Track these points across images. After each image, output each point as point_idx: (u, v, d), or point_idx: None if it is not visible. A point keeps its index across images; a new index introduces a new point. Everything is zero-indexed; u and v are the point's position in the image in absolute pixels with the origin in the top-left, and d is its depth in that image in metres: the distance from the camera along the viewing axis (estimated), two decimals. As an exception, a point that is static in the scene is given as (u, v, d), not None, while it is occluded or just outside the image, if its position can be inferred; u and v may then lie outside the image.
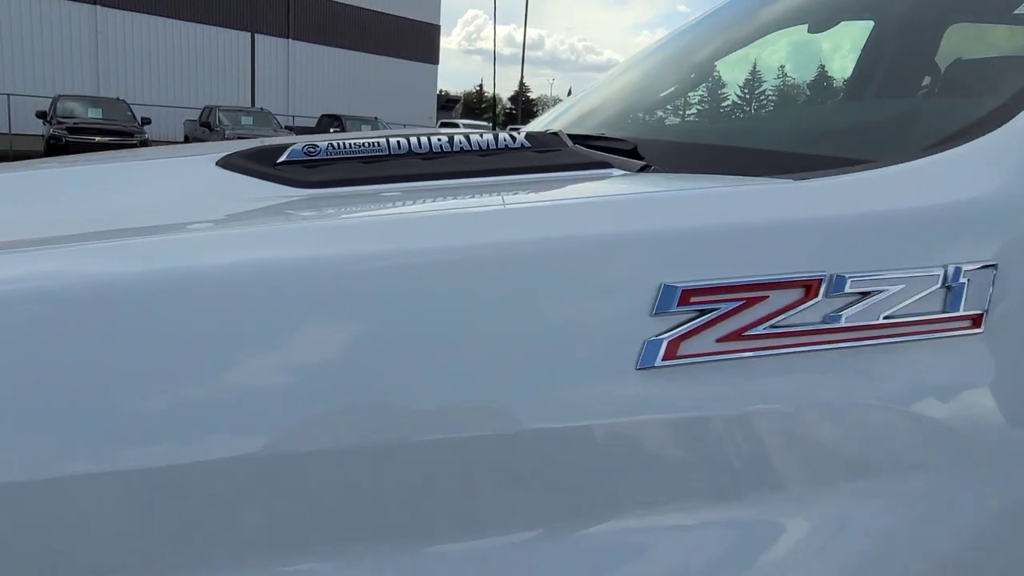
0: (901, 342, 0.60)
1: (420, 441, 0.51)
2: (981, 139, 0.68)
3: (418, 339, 0.52)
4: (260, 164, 0.81)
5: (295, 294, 0.50)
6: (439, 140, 0.87)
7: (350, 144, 0.85)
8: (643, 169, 0.91)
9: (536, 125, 1.53)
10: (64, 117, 14.74)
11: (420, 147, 0.86)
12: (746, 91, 1.30)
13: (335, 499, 0.50)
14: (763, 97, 1.30)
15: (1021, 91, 0.71)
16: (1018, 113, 0.69)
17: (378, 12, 30.25)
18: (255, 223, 0.65)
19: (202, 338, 0.48)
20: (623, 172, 0.85)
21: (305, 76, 28.50)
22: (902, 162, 0.67)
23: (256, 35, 22.84)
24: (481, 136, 0.89)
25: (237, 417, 0.48)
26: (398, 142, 0.86)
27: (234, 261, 0.52)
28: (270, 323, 0.50)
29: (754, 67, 1.31)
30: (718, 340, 0.56)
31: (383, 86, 30.93)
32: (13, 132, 17.71)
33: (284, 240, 0.56)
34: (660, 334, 0.54)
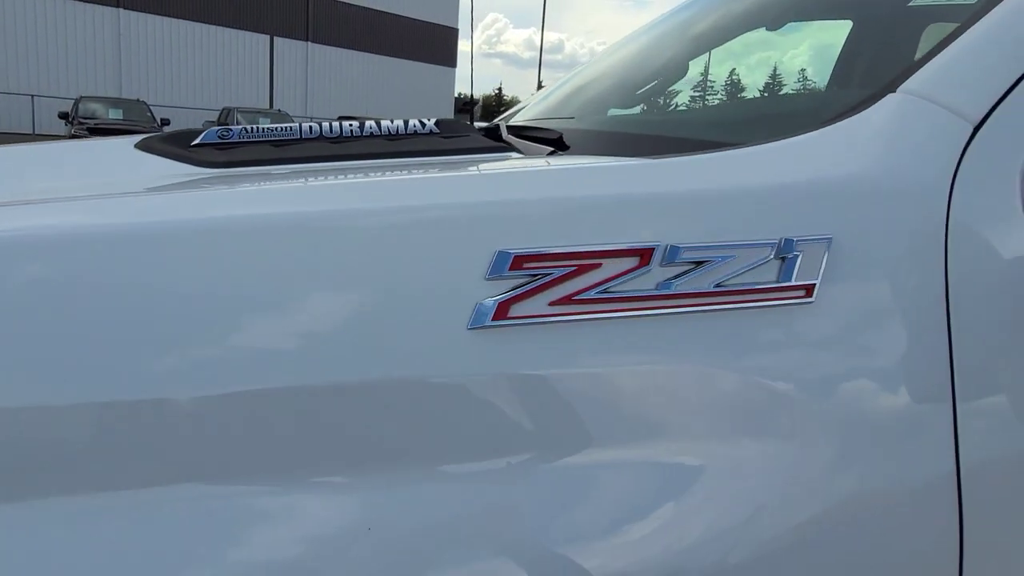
0: (732, 309, 0.63)
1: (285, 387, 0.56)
2: (834, 125, 0.72)
3: (290, 295, 0.57)
4: (174, 146, 0.87)
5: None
6: (350, 126, 0.92)
7: (263, 129, 0.90)
8: (551, 155, 0.96)
9: (519, 116, 1.59)
10: (85, 118, 15.04)
11: (331, 132, 0.91)
12: (674, 87, 1.35)
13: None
14: (683, 93, 1.35)
15: (886, 83, 0.74)
16: (873, 104, 0.72)
17: (397, 15, 30.50)
18: (152, 193, 0.70)
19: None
20: (520, 156, 0.90)
21: (323, 78, 28.79)
22: (761, 144, 0.71)
23: (275, 38, 23.15)
24: (392, 122, 0.94)
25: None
26: (310, 127, 0.91)
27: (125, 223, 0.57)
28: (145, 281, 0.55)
29: (684, 66, 1.35)
30: (550, 304, 0.60)
31: (401, 88, 31.17)
32: (37, 132, 18.10)
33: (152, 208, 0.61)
34: (492, 296, 0.59)
